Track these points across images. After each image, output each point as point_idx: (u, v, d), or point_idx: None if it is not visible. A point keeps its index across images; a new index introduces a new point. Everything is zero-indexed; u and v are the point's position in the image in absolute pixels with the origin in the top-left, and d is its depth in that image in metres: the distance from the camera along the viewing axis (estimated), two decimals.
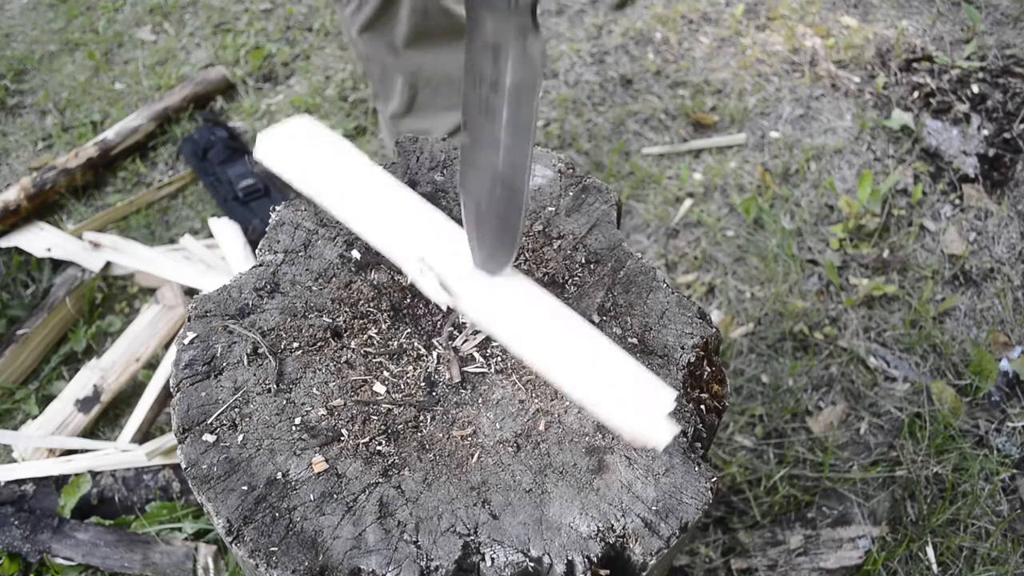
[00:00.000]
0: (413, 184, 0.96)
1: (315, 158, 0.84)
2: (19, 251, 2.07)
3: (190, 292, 1.96)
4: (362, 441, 0.73)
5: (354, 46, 1.78)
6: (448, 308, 0.78)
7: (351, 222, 0.83)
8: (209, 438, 0.73)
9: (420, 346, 0.81)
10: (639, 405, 0.63)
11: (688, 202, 2.13)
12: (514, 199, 0.64)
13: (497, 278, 0.74)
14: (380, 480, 0.71)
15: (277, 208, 0.94)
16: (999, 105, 2.27)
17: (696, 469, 0.72)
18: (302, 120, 0.87)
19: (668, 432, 0.60)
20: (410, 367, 0.80)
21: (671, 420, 0.62)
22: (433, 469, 0.72)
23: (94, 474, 1.57)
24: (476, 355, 0.80)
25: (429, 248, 0.77)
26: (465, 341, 0.81)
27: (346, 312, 0.84)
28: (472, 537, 0.67)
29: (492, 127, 0.58)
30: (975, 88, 2.33)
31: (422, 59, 1.60)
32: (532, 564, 0.66)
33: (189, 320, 0.82)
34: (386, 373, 0.79)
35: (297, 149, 0.84)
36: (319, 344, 0.81)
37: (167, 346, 1.86)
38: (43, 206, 2.20)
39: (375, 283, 0.87)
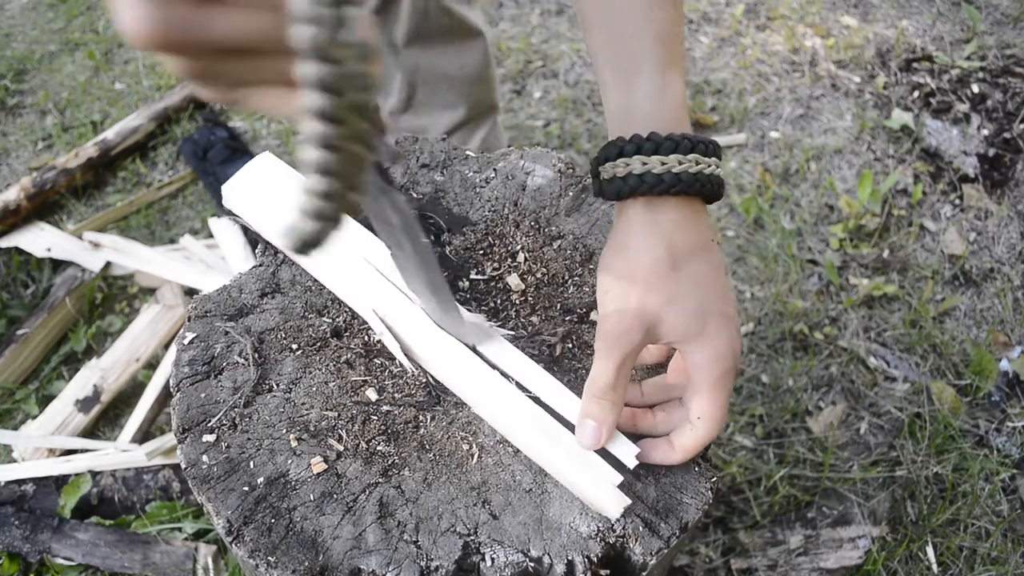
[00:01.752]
0: (413, 184, 0.96)
1: (276, 203, 0.84)
2: (19, 251, 2.07)
3: (190, 292, 1.96)
4: (362, 441, 0.73)
5: None
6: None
7: (317, 274, 0.84)
8: (209, 438, 0.73)
9: None
10: (593, 480, 0.67)
11: None
12: (438, 286, 0.72)
13: (463, 345, 0.76)
14: (380, 480, 0.71)
15: None
16: (999, 105, 2.27)
17: (696, 469, 0.72)
18: (263, 160, 0.87)
19: (619, 504, 0.66)
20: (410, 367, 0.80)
21: (621, 494, 0.67)
22: (433, 469, 0.72)
23: (94, 474, 1.57)
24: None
25: (392, 305, 0.78)
26: None
27: (346, 312, 0.84)
28: (472, 537, 0.67)
29: (403, 253, 0.68)
30: (975, 88, 2.33)
31: (421, 57, 1.60)
32: (532, 564, 0.66)
33: (189, 320, 0.82)
34: (386, 373, 0.79)
35: (260, 195, 0.84)
36: (319, 344, 0.81)
37: (167, 346, 1.86)
38: (43, 206, 2.20)
39: None
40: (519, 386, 0.73)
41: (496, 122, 1.82)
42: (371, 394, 0.77)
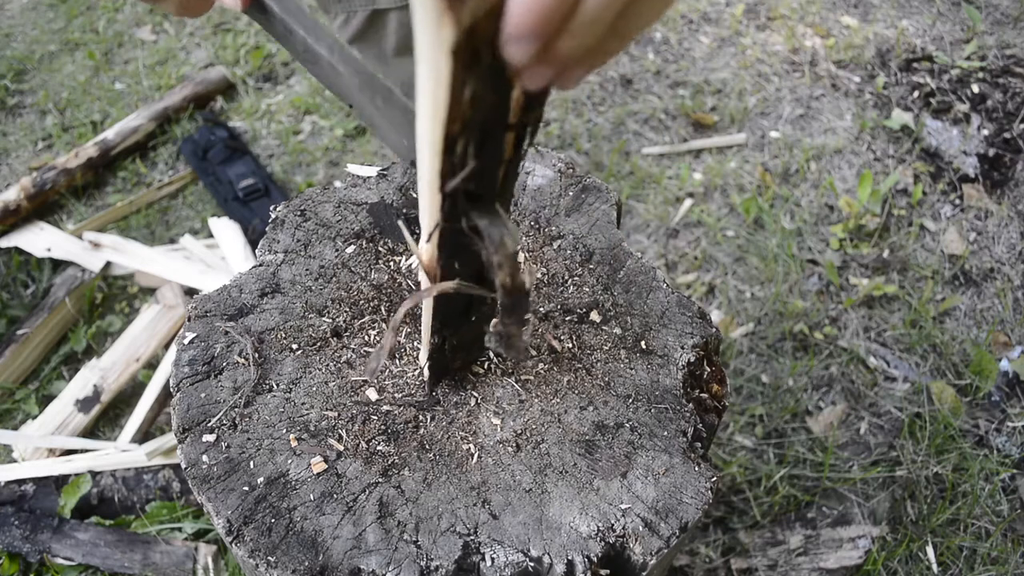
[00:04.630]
0: (413, 184, 0.96)
1: None
2: (19, 251, 2.07)
3: (190, 292, 1.96)
4: (362, 441, 0.73)
5: None
6: None
7: None
8: (209, 438, 0.73)
9: (420, 345, 0.81)
10: None
11: (688, 202, 2.13)
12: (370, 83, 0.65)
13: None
14: (380, 480, 0.71)
15: (277, 208, 0.94)
16: (999, 105, 2.27)
17: (696, 469, 0.72)
18: None
19: None
20: (410, 367, 0.80)
21: None
22: (433, 469, 0.72)
23: (94, 474, 1.57)
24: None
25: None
26: None
27: (346, 312, 0.84)
28: (472, 537, 0.67)
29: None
30: (975, 88, 2.33)
31: (411, 67, 1.60)
32: (532, 564, 0.66)
33: (189, 320, 0.82)
34: (386, 373, 0.79)
35: None
36: (319, 344, 0.81)
37: (167, 346, 1.86)
38: (43, 206, 2.21)
39: (375, 283, 0.87)
40: None
41: None
42: (371, 394, 0.77)
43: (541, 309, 0.85)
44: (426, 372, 0.75)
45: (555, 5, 0.38)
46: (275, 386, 0.77)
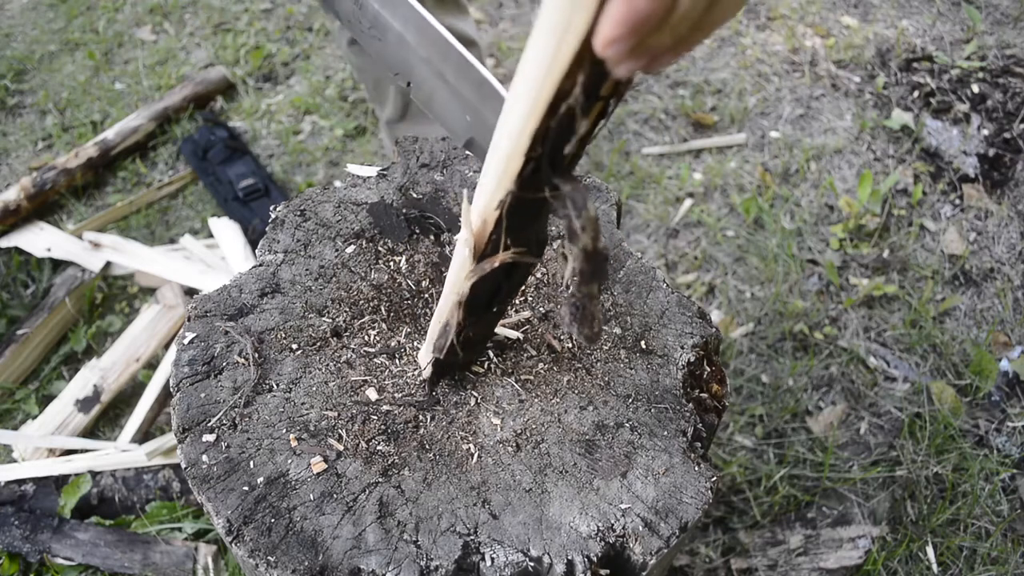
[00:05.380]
0: (414, 184, 0.96)
1: None
2: (19, 251, 2.07)
3: (190, 292, 1.96)
4: (362, 441, 0.73)
5: (346, 56, 1.78)
6: None
7: None
8: (209, 438, 0.73)
9: (420, 345, 0.81)
10: None
11: (688, 202, 2.13)
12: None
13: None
14: (380, 480, 0.71)
15: (277, 208, 0.94)
16: (999, 105, 2.27)
17: (696, 469, 0.72)
18: None
19: None
20: (410, 367, 0.80)
21: None
22: (433, 469, 0.72)
23: (94, 474, 1.57)
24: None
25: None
26: None
27: (346, 312, 0.84)
28: (472, 537, 0.67)
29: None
30: (975, 88, 2.33)
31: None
32: (532, 564, 0.66)
33: (189, 320, 0.82)
34: (386, 373, 0.79)
35: None
36: (319, 344, 0.81)
37: (167, 346, 1.86)
38: (43, 206, 2.21)
39: (375, 283, 0.87)
40: None
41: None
42: (371, 394, 0.77)
43: (541, 309, 0.85)
44: (428, 370, 0.75)
45: (650, 14, 0.39)
46: (275, 386, 0.77)
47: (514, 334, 0.81)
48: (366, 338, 0.81)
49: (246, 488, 0.70)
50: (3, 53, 2.82)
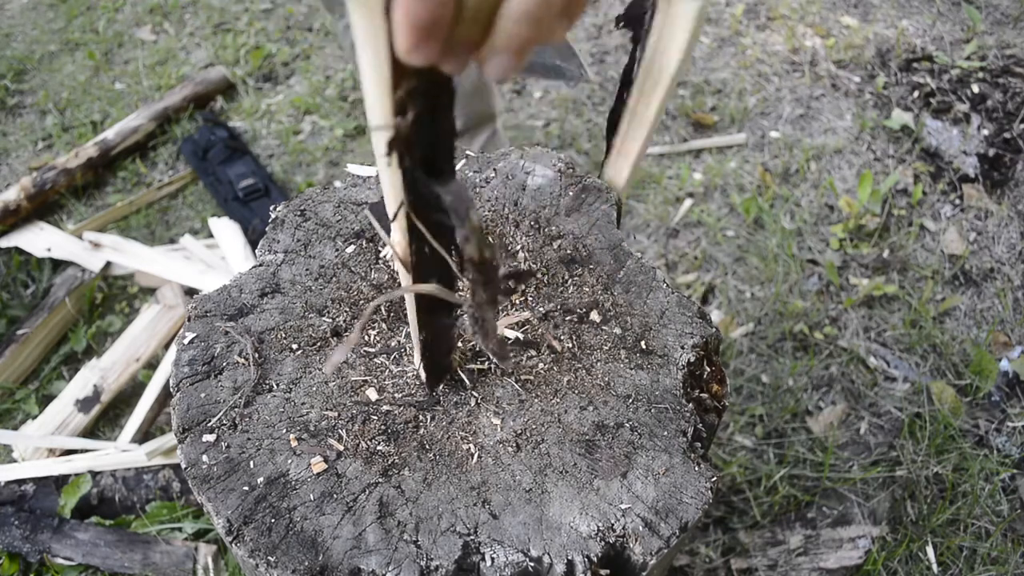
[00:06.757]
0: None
1: None
2: (19, 251, 2.07)
3: (190, 292, 1.96)
4: (362, 441, 0.73)
5: (348, 56, 1.79)
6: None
7: None
8: (209, 438, 0.73)
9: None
10: None
11: (688, 202, 2.13)
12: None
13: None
14: (380, 480, 0.71)
15: (277, 208, 0.94)
16: (999, 105, 2.27)
17: (696, 469, 0.72)
18: None
19: None
20: (410, 367, 0.80)
21: None
22: (433, 469, 0.72)
23: (94, 474, 1.57)
24: (476, 354, 0.80)
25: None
26: (466, 341, 0.81)
27: (346, 312, 0.84)
28: (472, 537, 0.67)
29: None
30: (975, 88, 2.33)
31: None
32: (532, 564, 0.66)
33: (189, 320, 0.82)
34: (386, 373, 0.79)
35: None
36: (319, 344, 0.81)
37: (167, 346, 1.86)
38: (43, 206, 2.21)
39: (375, 283, 0.87)
40: None
41: (495, 129, 1.83)
42: (371, 394, 0.77)
43: (541, 309, 0.85)
44: (421, 373, 0.75)
45: (431, 16, 0.39)
46: (275, 386, 0.77)
47: (514, 334, 0.81)
48: (366, 338, 0.81)
49: (246, 488, 0.70)
50: (3, 53, 2.82)
